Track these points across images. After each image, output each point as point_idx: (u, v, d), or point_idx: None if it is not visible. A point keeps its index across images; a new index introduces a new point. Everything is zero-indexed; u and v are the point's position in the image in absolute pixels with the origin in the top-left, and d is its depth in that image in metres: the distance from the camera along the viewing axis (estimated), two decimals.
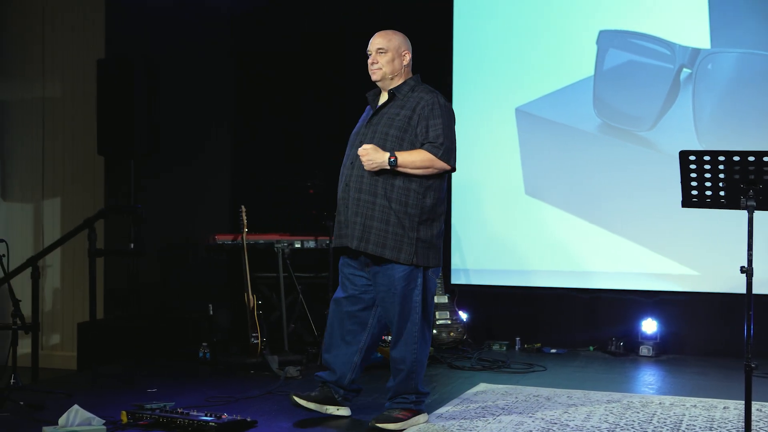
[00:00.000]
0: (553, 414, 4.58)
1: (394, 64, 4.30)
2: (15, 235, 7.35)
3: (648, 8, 6.69)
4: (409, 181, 4.18)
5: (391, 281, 4.21)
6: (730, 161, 3.74)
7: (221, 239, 6.25)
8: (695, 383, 5.53)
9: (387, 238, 4.17)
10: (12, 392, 4.76)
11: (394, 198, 4.17)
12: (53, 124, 7.40)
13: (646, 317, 6.55)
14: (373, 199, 4.18)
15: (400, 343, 4.28)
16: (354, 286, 4.38)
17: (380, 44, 4.30)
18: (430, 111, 4.21)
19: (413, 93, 4.29)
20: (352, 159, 4.27)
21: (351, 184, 4.23)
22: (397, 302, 4.22)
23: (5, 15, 7.44)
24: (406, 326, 4.25)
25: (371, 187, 4.18)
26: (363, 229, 4.18)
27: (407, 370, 4.28)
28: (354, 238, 4.20)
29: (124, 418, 4.29)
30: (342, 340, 4.41)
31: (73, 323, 6.99)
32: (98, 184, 7.19)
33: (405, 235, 4.17)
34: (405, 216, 4.17)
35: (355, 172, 4.23)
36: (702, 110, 6.50)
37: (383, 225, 4.17)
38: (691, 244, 6.55)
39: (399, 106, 4.27)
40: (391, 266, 4.21)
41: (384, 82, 4.33)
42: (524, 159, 6.95)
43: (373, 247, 4.18)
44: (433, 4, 7.17)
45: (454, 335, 6.62)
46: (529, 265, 6.95)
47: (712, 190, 3.82)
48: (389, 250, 4.17)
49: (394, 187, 4.18)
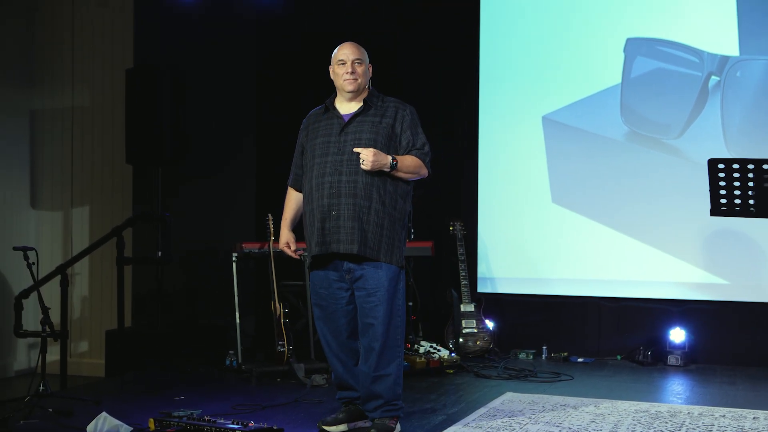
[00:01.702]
0: (581, 423, 4.56)
1: (367, 75, 4.42)
2: (44, 243, 7.43)
3: (676, 15, 6.65)
4: (395, 186, 4.29)
5: (380, 283, 4.23)
6: (760, 169, 3.71)
7: (248, 247, 6.27)
8: (724, 393, 5.48)
9: (382, 242, 4.24)
10: (41, 399, 4.80)
11: (387, 202, 4.26)
12: (82, 132, 7.47)
13: (674, 326, 6.50)
14: (368, 204, 4.22)
15: (386, 348, 4.24)
16: (336, 301, 4.35)
17: (358, 55, 4.39)
18: (411, 120, 4.38)
19: (384, 103, 4.41)
20: (336, 166, 4.28)
21: (342, 191, 4.24)
22: (384, 304, 4.22)
23: (35, 26, 7.52)
24: (390, 330, 4.24)
25: (366, 192, 4.22)
26: (361, 234, 4.20)
27: (394, 375, 4.26)
28: (355, 243, 4.20)
29: (151, 425, 4.31)
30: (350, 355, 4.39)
31: (101, 331, 7.04)
32: (126, 193, 7.25)
33: (395, 238, 4.28)
34: (395, 220, 4.29)
35: (345, 178, 4.25)
36: (731, 118, 6.45)
37: (378, 229, 4.23)
38: (719, 252, 6.49)
39: (379, 115, 4.35)
40: (379, 268, 4.23)
41: (357, 92, 4.39)
42: (551, 167, 6.93)
43: (371, 251, 4.22)
44: (460, 12, 7.17)
45: (480, 344, 6.60)
46: (556, 273, 6.92)
47: (741, 198, 3.79)
48: (383, 253, 4.24)
49: (386, 192, 4.26)
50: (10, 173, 7.30)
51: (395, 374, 4.27)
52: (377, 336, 4.23)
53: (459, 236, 6.79)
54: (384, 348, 4.24)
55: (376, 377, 4.25)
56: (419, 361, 5.96)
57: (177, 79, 6.63)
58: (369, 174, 4.22)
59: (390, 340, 4.25)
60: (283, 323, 5.92)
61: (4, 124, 7.25)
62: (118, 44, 7.35)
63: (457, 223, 6.85)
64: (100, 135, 7.42)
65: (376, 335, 4.23)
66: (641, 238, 6.68)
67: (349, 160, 4.25)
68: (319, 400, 5.12)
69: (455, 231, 6.81)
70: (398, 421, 4.32)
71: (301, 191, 4.49)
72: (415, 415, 4.73)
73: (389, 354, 4.25)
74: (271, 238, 5.96)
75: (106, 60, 7.39)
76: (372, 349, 4.25)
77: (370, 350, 4.26)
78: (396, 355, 4.28)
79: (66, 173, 7.48)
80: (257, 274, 6.99)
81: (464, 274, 6.73)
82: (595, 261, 6.82)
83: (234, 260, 6.13)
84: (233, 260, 6.13)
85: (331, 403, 4.86)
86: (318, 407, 4.93)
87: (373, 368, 4.25)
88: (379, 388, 4.25)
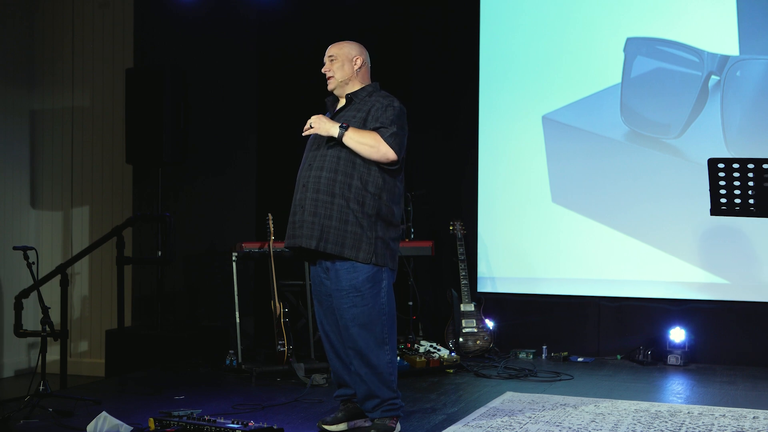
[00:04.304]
0: (581, 423, 4.56)
1: (344, 69, 4.36)
2: (44, 242, 7.44)
3: (676, 15, 6.65)
4: (364, 182, 4.18)
5: (355, 284, 4.18)
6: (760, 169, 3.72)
7: (248, 247, 6.27)
8: (724, 392, 5.48)
9: (346, 237, 4.16)
10: (41, 399, 4.80)
11: (352, 198, 4.17)
12: (82, 132, 7.48)
13: (674, 326, 6.50)
14: (330, 199, 4.18)
15: (367, 348, 4.19)
16: (328, 297, 4.33)
17: (330, 52, 4.39)
18: (383, 110, 4.25)
19: (370, 98, 4.35)
20: (310, 161, 4.29)
21: (309, 185, 4.23)
22: (359, 306, 4.17)
23: (35, 25, 7.53)
24: (375, 329, 4.20)
25: (328, 188, 4.19)
26: (321, 229, 4.17)
27: (386, 374, 4.23)
28: (313, 239, 4.18)
29: (151, 425, 4.31)
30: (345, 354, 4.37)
31: (101, 330, 7.05)
32: (126, 193, 7.26)
33: (363, 234, 4.17)
34: (363, 216, 4.18)
35: (313, 173, 4.24)
36: (731, 117, 6.45)
37: (342, 225, 4.17)
38: (719, 252, 6.50)
39: (356, 110, 4.32)
40: (352, 268, 4.18)
41: (339, 88, 4.38)
42: (551, 167, 6.93)
43: (332, 246, 4.16)
44: (459, 12, 7.17)
45: (480, 343, 6.61)
46: (556, 272, 6.92)
47: (741, 198, 3.80)
48: (348, 249, 4.16)
49: (351, 187, 4.18)
50: (11, 173, 7.31)
51: (385, 372, 4.21)
52: (353, 337, 4.20)
53: (459, 236, 6.79)
54: (365, 346, 4.19)
55: (365, 376, 4.22)
56: (419, 361, 5.96)
57: (177, 79, 6.63)
58: (332, 170, 4.18)
59: (368, 337, 4.19)
60: (283, 323, 5.92)
61: (4, 124, 7.26)
62: (118, 44, 7.35)
63: (457, 223, 6.85)
64: (100, 135, 7.43)
65: (353, 337, 4.20)
66: (641, 238, 6.68)
67: (322, 155, 4.25)
68: (319, 399, 5.13)
69: (455, 231, 6.82)
70: (398, 421, 4.31)
71: None
72: (415, 415, 4.73)
73: (372, 353, 4.20)
74: (271, 238, 5.96)
75: (106, 60, 7.39)
76: (353, 350, 4.22)
77: (352, 351, 4.23)
78: (382, 351, 4.21)
79: (66, 173, 7.49)
80: (257, 273, 6.99)
81: (464, 273, 6.73)
82: (595, 260, 6.82)
83: (234, 260, 6.13)
84: (233, 260, 6.13)
85: (331, 402, 4.86)
86: (318, 407, 4.94)
87: (359, 368, 4.22)
88: (371, 386, 4.22)
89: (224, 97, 7.21)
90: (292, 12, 7.25)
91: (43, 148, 7.54)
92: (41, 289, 5.24)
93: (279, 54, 7.38)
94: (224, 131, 7.22)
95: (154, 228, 6.66)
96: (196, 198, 7.14)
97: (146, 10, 7.21)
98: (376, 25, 7.18)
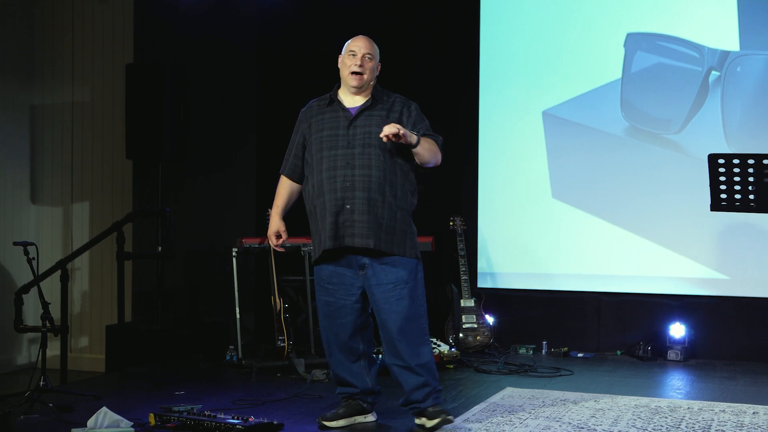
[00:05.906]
0: (580, 419, 4.56)
1: (374, 72, 4.40)
2: (44, 238, 7.44)
3: (676, 11, 6.64)
4: (405, 180, 4.33)
5: (399, 276, 4.26)
6: (760, 164, 3.72)
7: (248, 243, 6.27)
8: (724, 388, 5.48)
9: (396, 235, 4.28)
10: (41, 394, 4.80)
11: (398, 196, 4.30)
12: (82, 128, 7.48)
13: (674, 321, 6.51)
14: (382, 198, 4.25)
15: (416, 337, 4.28)
16: (347, 297, 4.34)
17: (369, 50, 4.38)
18: (417, 114, 4.39)
19: (389, 98, 4.42)
20: (347, 159, 4.28)
21: (357, 185, 4.24)
22: (407, 298, 4.26)
23: (35, 22, 7.53)
24: (419, 322, 4.31)
25: (379, 187, 4.25)
26: (378, 228, 4.23)
27: (432, 362, 4.34)
28: (371, 238, 4.22)
29: (151, 420, 4.32)
30: (349, 353, 4.40)
31: (101, 326, 7.05)
32: (127, 189, 7.26)
33: (408, 230, 4.34)
34: (406, 213, 4.34)
35: (359, 172, 4.25)
36: (731, 113, 6.45)
37: (392, 222, 4.27)
38: (719, 247, 6.49)
39: (386, 109, 4.36)
40: (396, 262, 4.27)
41: (360, 88, 4.38)
42: (551, 162, 6.93)
43: (387, 245, 4.25)
44: (459, 12, 7.16)
45: (480, 339, 6.61)
46: (556, 268, 6.92)
47: (741, 193, 3.80)
48: (398, 246, 4.28)
49: (396, 186, 4.30)
50: (11, 169, 7.31)
51: (431, 359, 4.35)
52: (403, 328, 4.26)
53: (459, 231, 6.80)
54: (415, 337, 4.29)
55: (416, 368, 4.28)
56: None
57: (177, 78, 6.63)
58: (380, 169, 4.24)
59: (416, 329, 4.29)
60: (283, 318, 5.93)
61: (4, 120, 7.26)
62: (118, 40, 7.35)
63: (458, 219, 6.85)
64: (100, 131, 7.43)
65: (402, 327, 4.26)
66: (641, 233, 6.68)
67: (360, 154, 4.26)
68: (319, 395, 5.13)
69: (455, 226, 6.82)
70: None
71: (296, 181, 4.51)
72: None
73: (420, 341, 4.30)
74: None
75: (106, 56, 7.39)
76: (401, 341, 4.27)
77: (399, 342, 4.27)
78: (426, 341, 4.35)
79: (66, 169, 7.49)
80: (257, 269, 6.99)
81: (464, 269, 6.73)
82: (595, 256, 6.82)
83: (234, 255, 6.13)
84: (233, 255, 6.13)
85: (331, 398, 4.86)
86: (318, 402, 4.94)
87: (410, 359, 4.27)
88: (426, 376, 4.29)
89: (224, 97, 7.19)
90: (292, 12, 7.23)
91: (44, 144, 7.54)
92: (41, 284, 5.24)
93: (279, 54, 7.37)
94: (224, 131, 7.21)
95: (154, 224, 6.66)
96: (197, 196, 7.14)
97: (146, 9, 7.20)
98: (376, 25, 7.15)
